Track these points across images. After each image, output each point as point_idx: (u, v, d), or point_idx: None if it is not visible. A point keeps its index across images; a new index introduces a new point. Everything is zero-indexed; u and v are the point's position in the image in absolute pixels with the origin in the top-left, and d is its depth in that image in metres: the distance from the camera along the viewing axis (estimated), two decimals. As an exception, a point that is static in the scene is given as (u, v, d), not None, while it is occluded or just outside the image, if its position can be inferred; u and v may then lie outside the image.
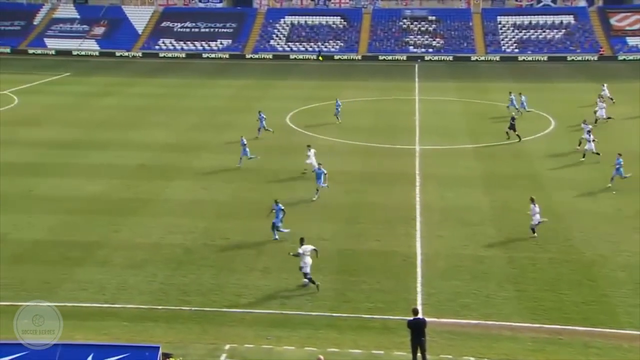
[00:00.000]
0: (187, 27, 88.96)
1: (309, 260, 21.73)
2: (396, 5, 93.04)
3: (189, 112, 50.04)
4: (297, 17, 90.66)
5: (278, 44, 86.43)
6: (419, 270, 23.67)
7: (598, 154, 35.78)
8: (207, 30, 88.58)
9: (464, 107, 53.15)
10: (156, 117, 48.04)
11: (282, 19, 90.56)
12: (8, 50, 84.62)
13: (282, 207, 25.82)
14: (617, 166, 31.74)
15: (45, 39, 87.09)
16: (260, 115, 42.27)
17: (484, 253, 25.14)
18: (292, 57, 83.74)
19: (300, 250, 21.91)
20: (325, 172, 30.91)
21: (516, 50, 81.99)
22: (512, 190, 31.89)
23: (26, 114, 49.25)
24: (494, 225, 27.89)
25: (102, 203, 30.35)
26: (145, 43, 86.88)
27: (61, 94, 58.46)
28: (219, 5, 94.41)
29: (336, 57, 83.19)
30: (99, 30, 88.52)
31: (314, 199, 30.43)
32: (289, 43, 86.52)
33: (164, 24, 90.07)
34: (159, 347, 16.10)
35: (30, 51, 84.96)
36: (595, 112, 44.78)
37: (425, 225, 27.77)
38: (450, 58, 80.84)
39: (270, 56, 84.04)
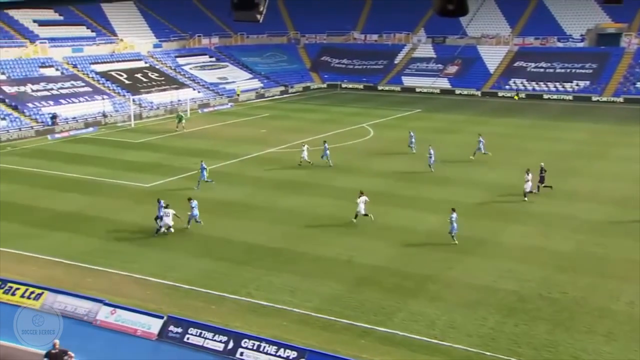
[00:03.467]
0: (541, 67, 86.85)
1: (168, 220, 30.58)
2: None
3: (532, 154, 48.25)
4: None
5: (645, 86, 79.03)
6: None
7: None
8: (562, 70, 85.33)
9: None
10: (497, 157, 47.47)
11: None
12: (361, 86, 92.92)
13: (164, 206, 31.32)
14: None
15: (402, 77, 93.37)
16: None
17: None
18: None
19: (161, 213, 30.96)
20: None
21: None
22: None
23: (378, 146, 53.13)
24: None
25: (437, 237, 30.81)
26: (496, 82, 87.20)
27: (410, 129, 61.70)
28: (580, 44, 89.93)
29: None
30: (452, 69, 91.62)
31: None
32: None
33: (517, 63, 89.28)
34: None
35: (380, 87, 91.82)
36: None
37: None
38: None
39: (621, 99, 77.34)
